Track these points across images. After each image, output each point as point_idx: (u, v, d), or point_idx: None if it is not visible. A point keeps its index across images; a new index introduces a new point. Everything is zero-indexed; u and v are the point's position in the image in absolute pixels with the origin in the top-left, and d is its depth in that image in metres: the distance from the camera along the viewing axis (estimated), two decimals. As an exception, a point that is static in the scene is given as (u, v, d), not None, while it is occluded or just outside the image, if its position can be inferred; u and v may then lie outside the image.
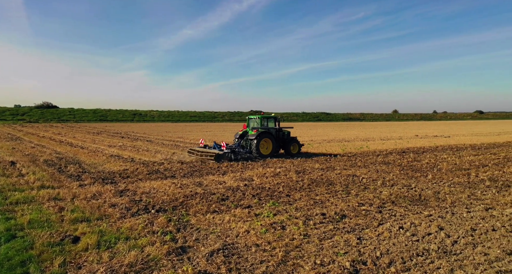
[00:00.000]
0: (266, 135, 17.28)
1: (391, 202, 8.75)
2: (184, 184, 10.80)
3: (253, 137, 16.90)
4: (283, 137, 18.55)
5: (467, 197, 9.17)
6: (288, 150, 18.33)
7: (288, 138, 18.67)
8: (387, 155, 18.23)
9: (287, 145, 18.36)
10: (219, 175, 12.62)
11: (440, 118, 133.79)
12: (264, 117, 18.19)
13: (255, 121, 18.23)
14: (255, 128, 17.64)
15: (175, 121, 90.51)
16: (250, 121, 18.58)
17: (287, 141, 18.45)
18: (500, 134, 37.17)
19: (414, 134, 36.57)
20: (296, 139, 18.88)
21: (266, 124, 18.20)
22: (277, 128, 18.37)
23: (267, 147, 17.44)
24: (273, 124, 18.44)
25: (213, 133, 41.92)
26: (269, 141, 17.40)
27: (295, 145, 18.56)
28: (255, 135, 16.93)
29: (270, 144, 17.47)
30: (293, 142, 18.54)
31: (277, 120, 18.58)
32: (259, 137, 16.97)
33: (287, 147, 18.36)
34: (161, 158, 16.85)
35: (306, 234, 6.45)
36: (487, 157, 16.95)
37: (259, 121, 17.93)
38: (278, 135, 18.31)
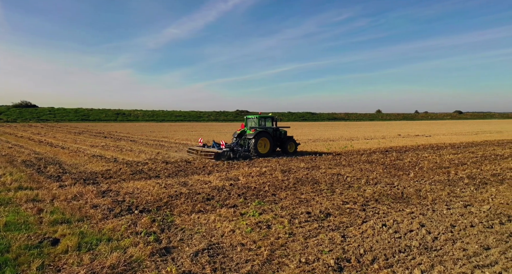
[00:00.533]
0: (263, 134, 17.64)
1: (374, 200, 8.90)
2: (168, 184, 10.65)
3: (251, 137, 17.26)
4: (280, 136, 18.94)
5: (447, 195, 9.43)
6: (285, 149, 18.78)
7: (285, 138, 19.08)
8: (370, 154, 18.55)
9: (284, 144, 18.79)
10: (205, 174, 12.51)
11: (422, 118, 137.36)
12: (262, 117, 18.55)
13: (253, 120, 18.56)
14: (253, 127, 17.98)
15: (159, 120, 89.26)
16: (248, 121, 18.89)
17: (284, 140, 18.88)
18: (478, 133, 38.50)
19: (396, 134, 37.40)
20: (292, 138, 19.33)
21: (264, 123, 18.59)
22: (274, 128, 18.78)
23: (265, 146, 17.80)
24: (271, 124, 18.86)
25: (198, 133, 41.58)
26: (267, 140, 17.76)
27: (292, 144, 18.99)
28: (253, 134, 17.27)
29: (268, 143, 17.83)
30: (290, 141, 18.98)
31: (274, 120, 19.00)
32: (257, 136, 17.33)
33: (284, 146, 18.79)
34: (145, 158, 16.58)
35: (291, 232, 6.47)
36: (465, 156, 17.51)
37: (257, 121, 18.28)
38: (275, 134, 18.71)
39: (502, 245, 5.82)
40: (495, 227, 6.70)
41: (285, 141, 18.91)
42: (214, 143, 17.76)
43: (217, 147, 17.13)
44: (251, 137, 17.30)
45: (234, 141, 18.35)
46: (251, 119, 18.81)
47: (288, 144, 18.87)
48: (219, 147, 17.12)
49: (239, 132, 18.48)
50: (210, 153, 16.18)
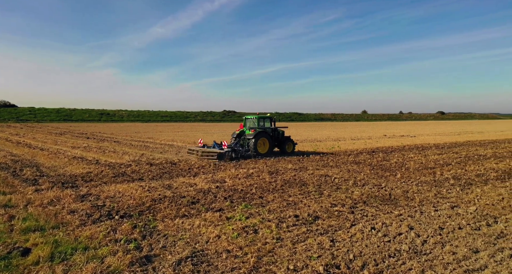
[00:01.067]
0: (263, 134, 17.93)
1: (362, 202, 8.80)
2: (152, 187, 10.27)
3: (251, 137, 17.52)
4: (278, 136, 19.20)
5: (434, 196, 9.44)
6: (284, 149, 19.07)
7: (283, 138, 19.36)
8: (357, 155, 18.60)
9: (283, 144, 19.12)
10: (190, 177, 12.18)
11: (406, 119, 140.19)
12: (261, 117, 18.78)
13: (252, 121, 18.80)
14: (252, 128, 18.17)
15: (145, 121, 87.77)
16: (247, 121, 19.07)
17: (282, 140, 19.20)
18: (461, 133, 39.41)
19: (382, 134, 37.85)
20: (290, 138, 19.62)
21: (263, 124, 18.79)
22: (273, 128, 19.03)
23: (264, 146, 18.11)
24: (269, 124, 19.10)
25: (185, 133, 40.99)
26: (266, 141, 18.10)
27: (290, 144, 19.31)
28: (253, 134, 17.53)
29: (267, 143, 18.15)
30: (288, 142, 19.32)
31: (272, 120, 19.30)
32: (257, 136, 17.60)
33: (282, 146, 19.12)
34: (129, 159, 16.07)
35: (279, 237, 6.26)
36: (450, 156, 17.76)
37: (256, 121, 18.51)
38: (274, 134, 18.96)
39: (491, 248, 5.77)
40: (483, 229, 6.68)
41: (284, 141, 19.21)
42: (215, 144, 17.83)
43: (218, 148, 17.25)
44: (251, 137, 17.53)
45: (234, 141, 18.41)
46: (250, 119, 18.96)
47: (286, 144, 19.17)
48: (220, 147, 17.28)
49: (238, 132, 18.61)
50: (213, 153, 16.21)
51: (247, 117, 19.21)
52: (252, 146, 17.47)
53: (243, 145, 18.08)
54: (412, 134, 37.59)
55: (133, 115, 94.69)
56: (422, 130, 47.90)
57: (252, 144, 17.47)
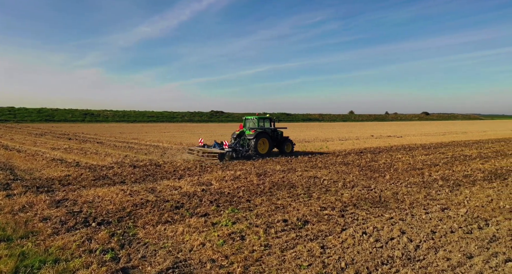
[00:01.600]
0: (263, 135, 18.15)
1: (352, 205, 8.57)
2: (134, 191, 9.79)
3: (252, 137, 17.70)
4: (277, 137, 19.39)
5: (424, 198, 9.31)
6: (282, 149, 19.29)
7: (282, 138, 19.63)
8: (346, 156, 18.49)
9: (282, 145, 19.36)
10: (175, 179, 11.73)
11: (392, 119, 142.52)
12: (261, 118, 19.03)
13: (252, 121, 19.02)
14: (252, 128, 18.33)
15: (131, 121, 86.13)
16: (246, 122, 19.28)
17: (281, 141, 19.47)
18: (445, 134, 40.09)
19: (370, 134, 38.10)
20: (289, 139, 19.92)
21: (263, 124, 19.02)
22: (272, 128, 19.27)
23: (264, 146, 18.31)
24: (269, 125, 19.34)
25: (171, 134, 40.27)
26: (266, 141, 18.31)
27: (289, 145, 19.54)
28: (253, 135, 17.70)
29: (267, 144, 18.36)
30: (287, 142, 19.57)
31: (272, 121, 19.53)
32: (257, 137, 17.79)
33: (281, 146, 19.35)
34: (111, 161, 15.46)
35: (267, 244, 5.94)
36: (437, 157, 17.86)
37: (256, 122, 18.74)
38: (273, 135, 19.13)
39: (484, 253, 5.60)
40: (475, 232, 6.53)
41: (283, 141, 19.46)
42: (215, 143, 17.95)
43: (218, 147, 17.40)
44: (251, 137, 17.71)
45: (234, 141, 18.54)
46: (250, 119, 19.17)
47: (285, 144, 19.41)
48: (220, 147, 17.43)
49: (238, 132, 18.72)
50: (214, 153, 16.28)
51: (247, 118, 19.36)
52: (253, 146, 17.64)
53: (243, 145, 18.21)
54: (399, 135, 37.98)
55: (119, 115, 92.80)
56: (408, 131, 48.56)
57: (253, 144, 17.64)
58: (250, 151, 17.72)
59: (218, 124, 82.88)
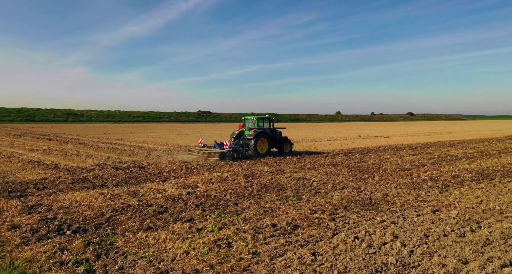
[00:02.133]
0: (262, 135, 18.32)
1: (343, 207, 8.33)
2: (115, 195, 9.29)
3: (251, 137, 17.85)
4: (276, 137, 19.56)
5: (414, 199, 9.17)
6: (281, 149, 19.46)
7: (281, 138, 19.84)
8: (334, 156, 18.35)
9: (281, 145, 19.54)
10: (159, 182, 11.25)
11: (378, 119, 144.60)
12: (260, 118, 19.22)
13: (251, 121, 19.20)
14: (252, 128, 18.47)
15: (116, 121, 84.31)
16: (246, 122, 19.43)
17: (280, 141, 19.65)
18: (430, 134, 40.71)
19: (357, 135, 38.29)
20: (288, 139, 20.12)
21: (262, 124, 19.18)
22: (271, 129, 19.48)
23: (263, 146, 18.46)
24: (268, 125, 19.50)
25: (157, 134, 39.45)
26: (265, 141, 18.50)
27: (287, 145, 19.74)
28: (253, 135, 17.85)
29: (266, 144, 18.55)
30: (285, 142, 19.76)
31: (271, 121, 19.72)
32: (257, 137, 17.96)
33: (280, 146, 19.53)
34: (92, 163, 14.81)
35: (256, 252, 5.61)
36: (424, 157, 17.93)
37: (255, 122, 18.93)
38: (273, 135, 19.31)
39: (480, 257, 5.42)
40: (468, 236, 6.37)
41: (281, 141, 19.67)
42: (216, 144, 18.05)
43: (219, 147, 17.54)
44: (251, 137, 17.86)
45: (234, 141, 18.62)
46: (249, 120, 19.35)
47: (284, 144, 19.61)
48: (220, 147, 17.60)
49: (238, 132, 18.77)
50: (215, 153, 16.37)
51: (247, 118, 19.52)
52: (253, 146, 17.77)
53: (243, 145, 18.30)
54: (386, 135, 38.32)
55: (103, 116, 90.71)
56: (394, 131, 49.14)
57: (252, 144, 17.77)
58: (249, 151, 17.81)
59: (206, 125, 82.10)
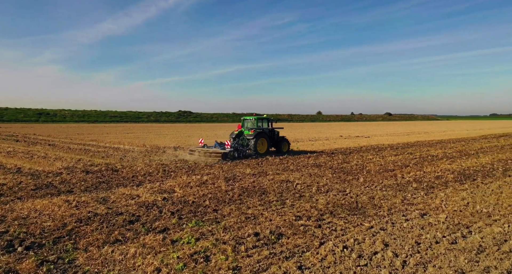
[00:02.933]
0: (262, 135, 18.67)
1: (329, 212, 7.90)
2: (82, 202, 8.45)
3: (251, 137, 18.16)
4: (274, 136, 19.91)
5: (401, 202, 8.87)
6: (280, 148, 19.87)
7: (279, 138, 20.23)
8: (317, 157, 18.04)
9: (279, 144, 19.93)
10: (133, 187, 10.45)
11: (358, 119, 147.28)
12: (259, 118, 19.57)
13: (250, 121, 19.50)
14: (252, 128, 18.78)
15: (92, 121, 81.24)
16: (245, 122, 19.75)
17: (278, 141, 20.04)
18: (409, 134, 41.46)
19: (338, 135, 38.43)
20: (285, 139, 20.57)
21: (261, 124, 19.53)
22: (270, 128, 19.86)
23: (263, 146, 18.74)
24: (266, 125, 19.86)
25: (135, 135, 38.06)
26: (265, 141, 18.83)
27: (285, 144, 20.17)
28: (253, 135, 18.17)
29: (265, 143, 18.87)
30: (283, 142, 20.18)
31: (270, 121, 20.07)
32: (257, 136, 18.27)
33: (278, 145, 19.93)
34: (60, 166, 13.74)
35: (236, 266, 5.04)
36: (406, 157, 17.92)
37: (255, 122, 19.26)
38: (271, 134, 19.70)
39: (476, 267, 5.09)
40: (460, 242, 6.06)
41: (280, 141, 20.05)
42: (216, 143, 18.18)
43: (219, 147, 17.67)
44: (251, 137, 18.16)
45: (233, 141, 18.73)
46: (248, 120, 19.64)
47: (282, 144, 19.99)
48: (221, 147, 17.71)
49: (237, 132, 18.90)
50: (217, 153, 16.49)
51: (246, 118, 19.83)
52: (252, 146, 18.07)
53: (243, 145, 18.49)
54: (366, 135, 38.66)
55: (78, 115, 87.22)
56: (374, 131, 49.83)
57: (252, 144, 18.06)
58: (249, 150, 18.02)
59: (186, 125, 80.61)
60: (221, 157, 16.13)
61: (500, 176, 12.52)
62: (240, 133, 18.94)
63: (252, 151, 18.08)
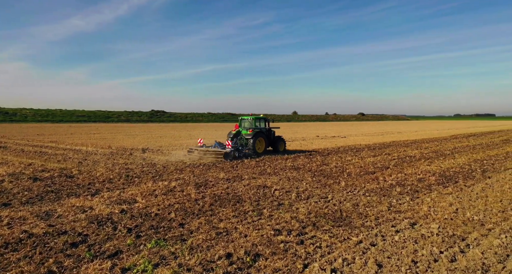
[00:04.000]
0: (260, 134, 18.81)
1: (312, 224, 7.00)
2: (18, 219, 7.02)
3: (250, 137, 18.22)
4: (270, 136, 20.00)
5: (387, 209, 8.15)
6: (277, 147, 20.09)
7: (275, 137, 20.39)
8: (295, 159, 17.24)
9: (276, 143, 20.14)
10: (87, 196, 9.05)
11: (332, 119, 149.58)
12: (257, 118, 19.66)
13: (248, 121, 19.53)
14: (250, 128, 18.82)
15: (56, 121, 76.44)
16: (242, 122, 19.80)
17: (275, 140, 20.21)
18: (383, 134, 41.92)
19: (315, 135, 38.09)
20: (282, 138, 20.88)
21: (259, 124, 19.59)
22: (267, 128, 19.97)
23: (261, 145, 18.83)
24: (263, 124, 19.95)
25: (102, 135, 35.73)
26: (262, 140, 18.93)
27: (282, 144, 20.46)
28: (252, 134, 18.26)
29: (263, 143, 18.98)
30: (280, 141, 20.45)
31: (267, 121, 20.24)
32: (256, 136, 18.37)
33: (275, 145, 20.12)
34: (4, 173, 11.97)
35: (202, 305, 3.96)
36: (384, 158, 17.53)
37: (252, 122, 19.33)
38: (268, 134, 19.81)
39: (487, 293, 4.34)
40: (460, 259, 5.34)
41: (276, 140, 20.24)
42: (216, 143, 18.15)
43: (220, 147, 17.60)
44: (249, 137, 18.24)
45: (232, 141, 18.29)
46: (246, 120, 19.66)
47: (279, 143, 20.25)
48: (221, 147, 17.65)
49: (235, 132, 18.69)
50: (219, 152, 16.42)
51: (243, 118, 19.89)
52: (251, 145, 18.08)
53: (242, 144, 18.37)
54: (342, 135, 38.62)
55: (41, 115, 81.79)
56: (349, 131, 50.14)
57: (251, 143, 18.10)
58: (248, 150, 17.97)
59: (159, 125, 77.85)
60: (223, 157, 16.10)
61: (480, 178, 12.25)
62: (237, 133, 18.69)
63: (251, 150, 18.05)
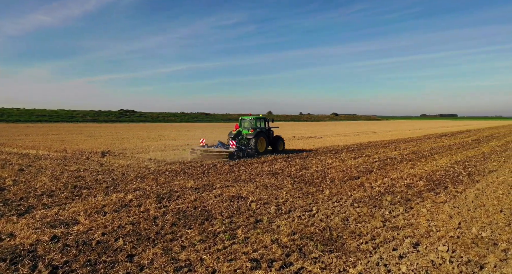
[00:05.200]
0: (261, 134, 18.86)
1: (297, 250, 5.64)
2: None
3: (252, 136, 18.21)
4: (269, 135, 20.00)
5: (383, 226, 6.97)
6: (276, 147, 20.14)
7: (274, 137, 20.45)
8: (272, 162, 15.91)
9: (275, 143, 20.19)
10: (12, 216, 7.16)
11: (306, 119, 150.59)
12: (257, 118, 19.68)
13: (249, 121, 19.53)
14: (251, 128, 18.80)
15: (12, 121, 70.53)
16: (243, 122, 19.78)
17: (274, 140, 20.27)
18: (359, 134, 41.73)
19: (291, 135, 37.10)
20: (281, 138, 20.87)
21: (259, 124, 19.60)
22: (267, 128, 20.06)
23: (262, 145, 18.76)
24: (264, 124, 19.96)
25: (61, 136, 32.67)
26: (263, 140, 18.92)
27: (281, 143, 20.54)
28: (253, 134, 18.24)
29: (264, 142, 18.95)
30: (279, 141, 20.51)
31: (267, 121, 20.33)
32: (257, 136, 18.37)
33: (275, 144, 20.17)
34: None
35: None
36: (365, 161, 16.63)
37: (253, 122, 19.32)
38: (268, 134, 19.84)
39: None
40: (489, 298, 4.18)
41: (276, 140, 20.29)
42: (219, 143, 18.12)
43: (223, 147, 17.58)
44: (251, 136, 18.22)
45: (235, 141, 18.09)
46: (246, 119, 19.68)
47: (279, 143, 20.31)
48: (225, 146, 17.65)
49: (235, 132, 18.59)
50: (223, 152, 16.35)
51: (243, 118, 19.86)
52: (253, 145, 17.98)
53: (243, 144, 18.21)
54: (318, 135, 37.93)
55: (-4, 114, 75.23)
56: (324, 131, 49.76)
57: (253, 143, 18.03)
58: (250, 150, 17.83)
59: (128, 125, 74.01)
60: (229, 157, 16.03)
61: (469, 182, 11.52)
62: (238, 133, 18.61)
63: (253, 150, 17.93)
